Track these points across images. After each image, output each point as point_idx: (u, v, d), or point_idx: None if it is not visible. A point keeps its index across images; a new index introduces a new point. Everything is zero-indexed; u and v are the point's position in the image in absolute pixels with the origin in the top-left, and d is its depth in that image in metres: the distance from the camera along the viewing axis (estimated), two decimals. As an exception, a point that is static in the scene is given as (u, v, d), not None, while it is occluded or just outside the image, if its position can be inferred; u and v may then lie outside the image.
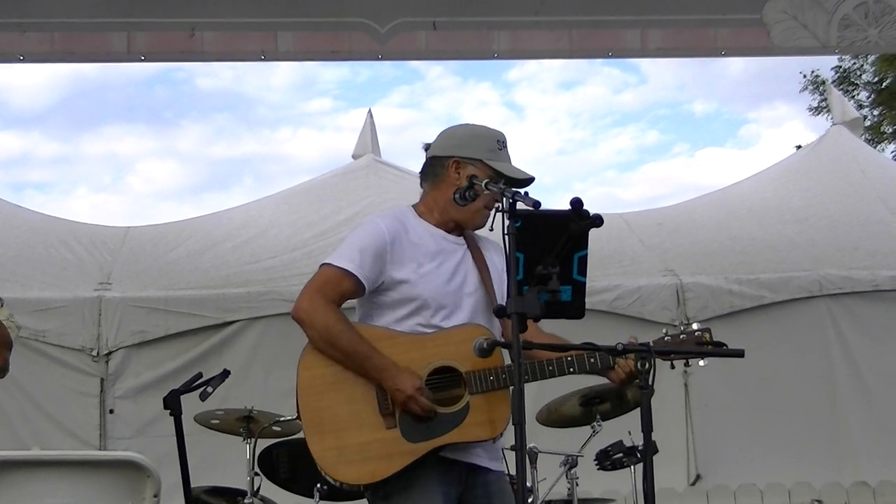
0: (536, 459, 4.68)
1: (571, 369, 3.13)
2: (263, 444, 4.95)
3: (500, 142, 3.30)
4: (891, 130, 22.79)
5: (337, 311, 3.19)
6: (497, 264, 3.34)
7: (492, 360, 3.11)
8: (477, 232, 3.41)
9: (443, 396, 3.14)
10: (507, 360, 3.16)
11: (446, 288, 3.23)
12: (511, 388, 3.11)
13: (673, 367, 3.12)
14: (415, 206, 3.40)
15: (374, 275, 3.20)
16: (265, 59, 6.08)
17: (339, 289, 3.20)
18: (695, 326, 3.14)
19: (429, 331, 3.21)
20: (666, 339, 3.11)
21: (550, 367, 3.12)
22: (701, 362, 3.10)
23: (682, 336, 3.11)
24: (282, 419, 4.80)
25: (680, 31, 6.10)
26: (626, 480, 4.82)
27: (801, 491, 6.42)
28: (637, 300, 6.49)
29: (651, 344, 2.91)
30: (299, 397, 3.17)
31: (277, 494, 5.02)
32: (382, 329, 3.23)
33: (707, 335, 3.11)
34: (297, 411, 3.18)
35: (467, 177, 3.19)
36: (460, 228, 3.36)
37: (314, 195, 7.73)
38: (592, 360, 3.11)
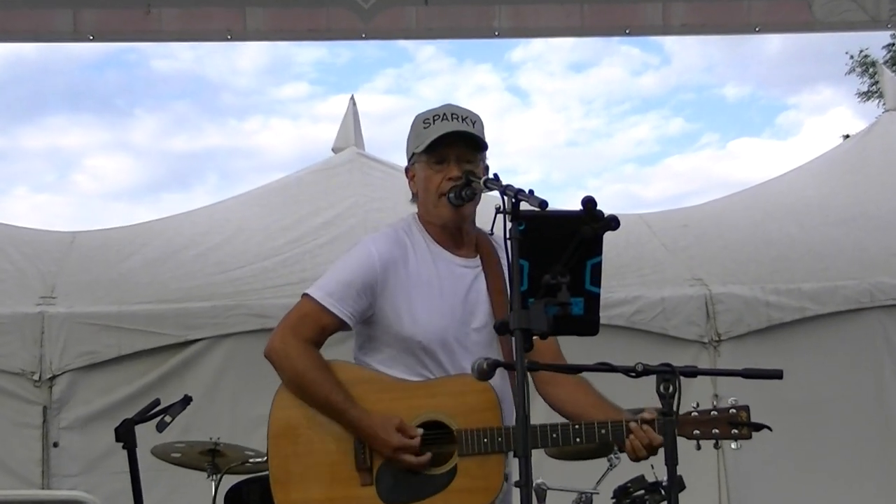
0: (545, 497, 4.68)
1: (578, 439, 3.14)
2: (232, 480, 4.95)
3: (427, 120, 3.30)
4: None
5: (310, 353, 3.23)
6: None
7: (489, 419, 3.14)
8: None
9: (431, 454, 3.16)
10: (510, 419, 3.18)
11: (447, 324, 3.25)
12: (508, 453, 3.14)
13: (699, 447, 3.11)
14: (419, 216, 3.42)
15: (360, 309, 3.24)
16: (232, 39, 6.10)
17: (318, 325, 3.25)
18: (730, 402, 3.14)
19: (429, 374, 3.24)
20: (693, 414, 3.09)
21: (554, 435, 3.13)
22: (733, 445, 3.11)
23: (713, 413, 3.11)
24: (258, 460, 4.78)
25: (708, 4, 6.12)
26: (649, 521, 4.82)
27: (851, 532, 6.43)
28: (660, 314, 6.49)
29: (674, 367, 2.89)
30: (269, 439, 3.24)
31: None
32: (370, 371, 3.27)
33: (744, 414, 3.10)
34: (267, 452, 3.24)
35: (444, 177, 3.24)
36: (468, 239, 3.37)
37: (289, 195, 7.72)
38: (604, 430, 3.12)
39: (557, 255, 2.67)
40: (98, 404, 6.12)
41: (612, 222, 2.67)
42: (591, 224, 2.66)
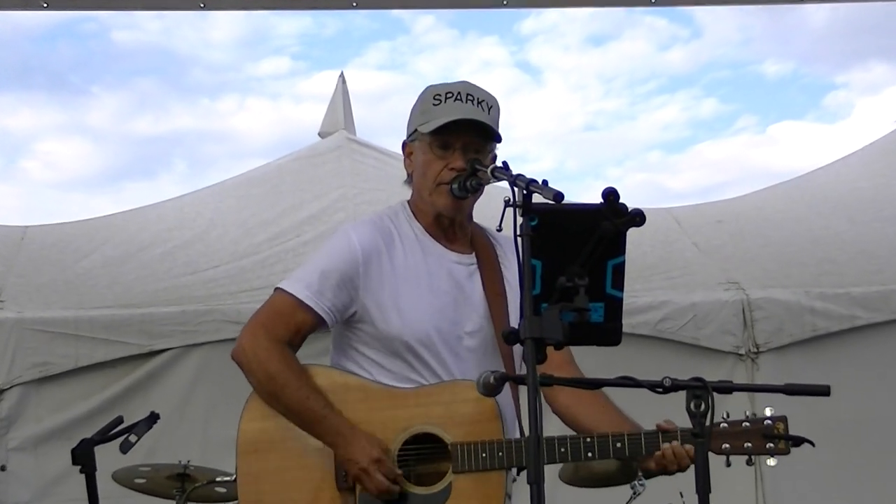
0: (559, 530, 4.68)
1: (590, 454, 3.15)
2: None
3: (438, 96, 3.30)
4: None
5: (284, 353, 3.23)
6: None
7: (488, 431, 3.15)
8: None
9: (422, 471, 3.19)
10: (512, 431, 3.19)
11: (437, 323, 3.26)
12: (508, 470, 3.15)
13: (729, 463, 3.13)
14: (410, 202, 3.44)
15: (340, 304, 3.24)
16: (205, 8, 6.09)
17: (292, 323, 3.25)
18: (767, 413, 3.15)
19: (420, 379, 3.24)
20: (723, 426, 3.12)
21: (563, 449, 3.14)
22: (769, 461, 3.12)
23: (745, 424, 3.14)
24: (227, 479, 4.80)
25: (746, -30, 6.11)
26: (678, 557, 4.82)
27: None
28: (690, 321, 6.49)
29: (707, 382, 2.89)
30: (238, 456, 3.25)
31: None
32: (352, 376, 3.28)
33: (781, 426, 3.12)
34: (235, 474, 3.26)
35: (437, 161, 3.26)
36: (463, 232, 3.38)
37: (269, 185, 7.73)
38: (619, 444, 3.13)
39: (574, 254, 2.67)
40: (52, 422, 6.12)
41: (637, 217, 2.66)
42: (612, 219, 2.65)
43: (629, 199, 2.66)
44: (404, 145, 3.42)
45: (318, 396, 3.18)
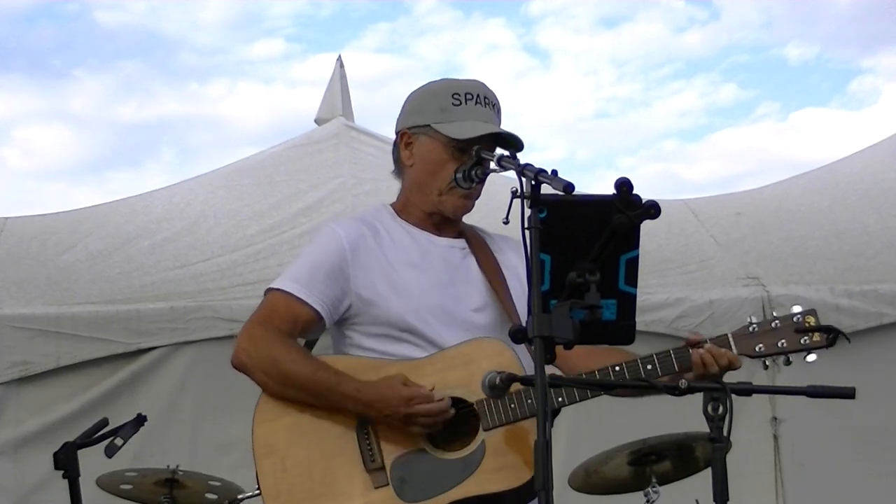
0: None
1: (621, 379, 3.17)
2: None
3: (457, 95, 3.35)
4: None
5: (285, 339, 3.27)
6: (519, 269, 3.37)
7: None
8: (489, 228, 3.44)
9: (449, 437, 3.20)
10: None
11: (440, 301, 3.31)
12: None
13: (766, 366, 3.24)
14: (393, 204, 3.51)
15: (333, 296, 3.30)
16: (195, -13, 6.07)
17: (287, 316, 3.29)
18: (795, 309, 3.18)
19: (424, 354, 3.27)
20: (752, 328, 3.19)
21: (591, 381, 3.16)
22: (808, 357, 3.16)
23: (774, 323, 3.21)
24: (218, 484, 4.80)
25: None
26: (694, 568, 4.83)
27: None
28: (708, 319, 6.49)
29: (724, 383, 2.90)
30: (257, 460, 3.25)
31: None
32: (362, 359, 3.31)
33: (811, 319, 3.19)
34: (256, 479, 3.25)
35: (450, 151, 3.29)
36: (453, 225, 3.44)
37: (262, 174, 7.72)
38: (650, 366, 3.16)
39: (585, 248, 2.67)
40: (33, 425, 6.13)
41: (651, 209, 2.66)
42: (625, 211, 2.66)
43: (643, 191, 2.66)
44: (403, 133, 3.44)
45: (327, 367, 3.23)
